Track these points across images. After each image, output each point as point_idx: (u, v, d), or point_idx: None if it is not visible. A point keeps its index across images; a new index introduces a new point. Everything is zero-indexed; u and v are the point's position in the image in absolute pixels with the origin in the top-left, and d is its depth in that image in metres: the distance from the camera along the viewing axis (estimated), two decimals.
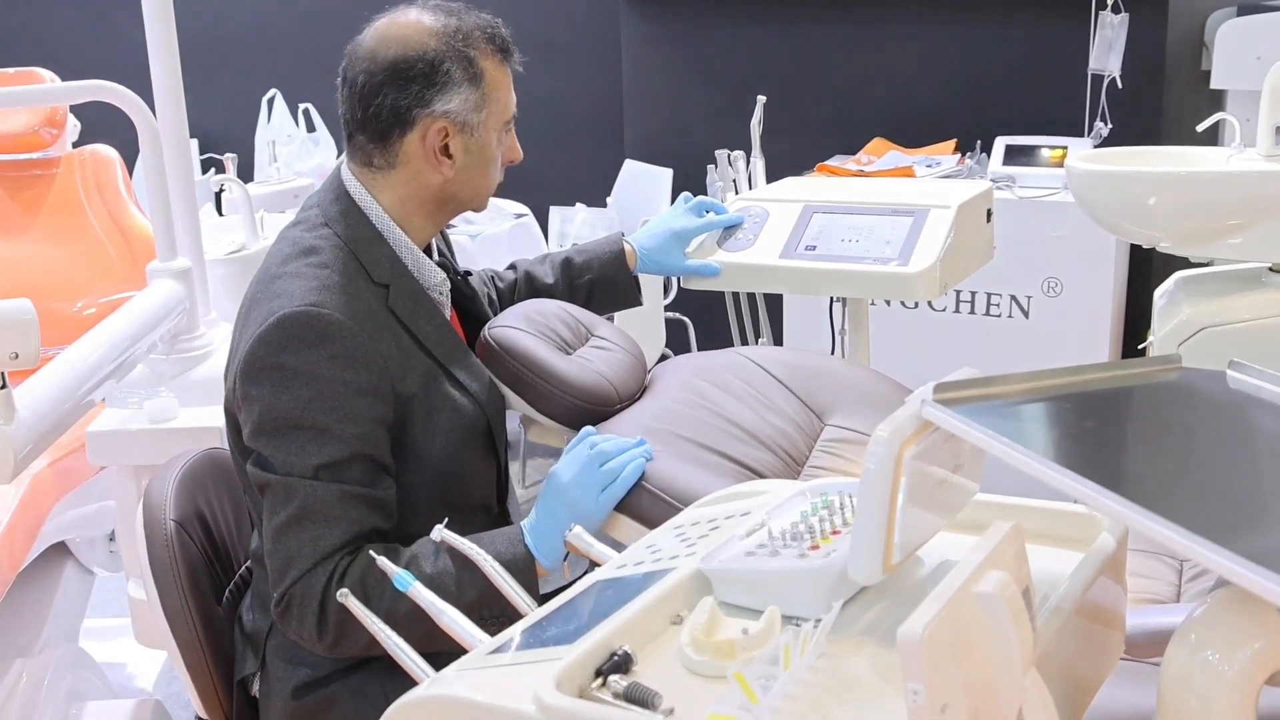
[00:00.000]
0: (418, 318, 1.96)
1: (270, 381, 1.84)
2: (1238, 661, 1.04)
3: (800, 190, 2.74)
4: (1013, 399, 1.24)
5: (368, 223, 1.97)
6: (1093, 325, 4.14)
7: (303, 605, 1.82)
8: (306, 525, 1.83)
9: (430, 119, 1.94)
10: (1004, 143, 4.39)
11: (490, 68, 1.97)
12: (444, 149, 1.96)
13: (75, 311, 3.63)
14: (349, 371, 1.83)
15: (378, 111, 1.94)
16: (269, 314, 1.84)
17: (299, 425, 1.83)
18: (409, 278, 1.98)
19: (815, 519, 1.34)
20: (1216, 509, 1.05)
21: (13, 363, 1.90)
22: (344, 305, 1.85)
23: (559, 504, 1.89)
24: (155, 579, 1.98)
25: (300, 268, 1.89)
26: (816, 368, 2.31)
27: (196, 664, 2.00)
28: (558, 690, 1.10)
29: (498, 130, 2.01)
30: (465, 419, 1.98)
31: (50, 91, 3.13)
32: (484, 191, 2.06)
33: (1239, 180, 2.78)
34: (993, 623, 0.96)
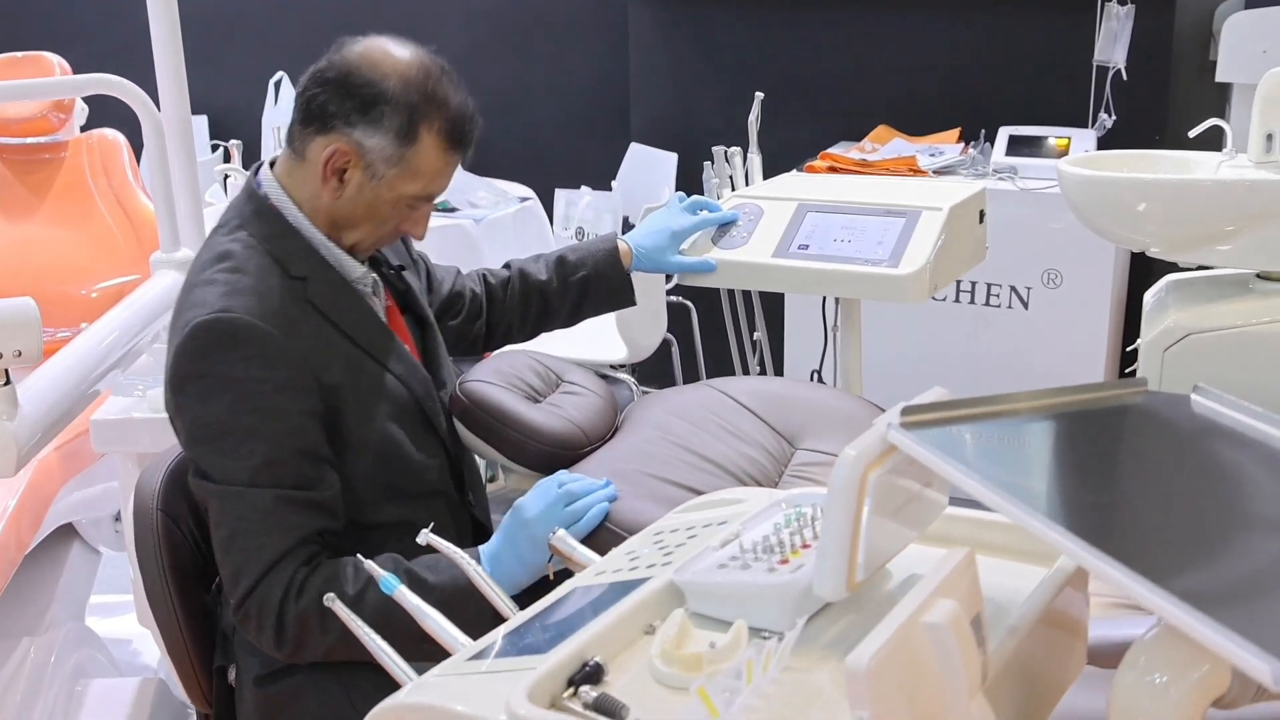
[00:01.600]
0: (338, 306, 1.98)
1: (194, 391, 1.88)
2: (1183, 686, 1.07)
3: (795, 188, 2.77)
4: (979, 422, 1.28)
5: (281, 219, 1.99)
6: (1092, 317, 4.17)
7: (260, 617, 1.87)
8: (249, 535, 1.86)
9: (343, 139, 1.93)
10: (1008, 133, 4.41)
11: (428, 145, 1.94)
12: (341, 172, 1.95)
13: (82, 295, 3.67)
14: (266, 370, 1.86)
15: (313, 99, 1.94)
16: (185, 324, 1.88)
17: (227, 430, 1.86)
18: (327, 268, 2.00)
19: (787, 531, 1.38)
20: (1162, 545, 1.09)
21: (16, 360, 1.94)
22: (254, 306, 1.88)
23: (521, 537, 1.92)
24: (141, 567, 2.04)
25: (213, 274, 1.92)
26: (787, 395, 2.35)
27: (178, 650, 2.06)
28: (529, 701, 1.14)
29: (400, 197, 1.97)
30: (397, 403, 2.02)
31: (54, 84, 3.17)
32: (363, 237, 2.02)
33: (1227, 189, 2.81)
34: (940, 652, 1.00)
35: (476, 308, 2.43)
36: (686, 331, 4.92)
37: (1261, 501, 1.18)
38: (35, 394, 2.12)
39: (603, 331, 4.44)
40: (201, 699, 2.11)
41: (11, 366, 1.97)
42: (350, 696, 1.95)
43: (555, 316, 2.50)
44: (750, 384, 2.39)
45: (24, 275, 3.68)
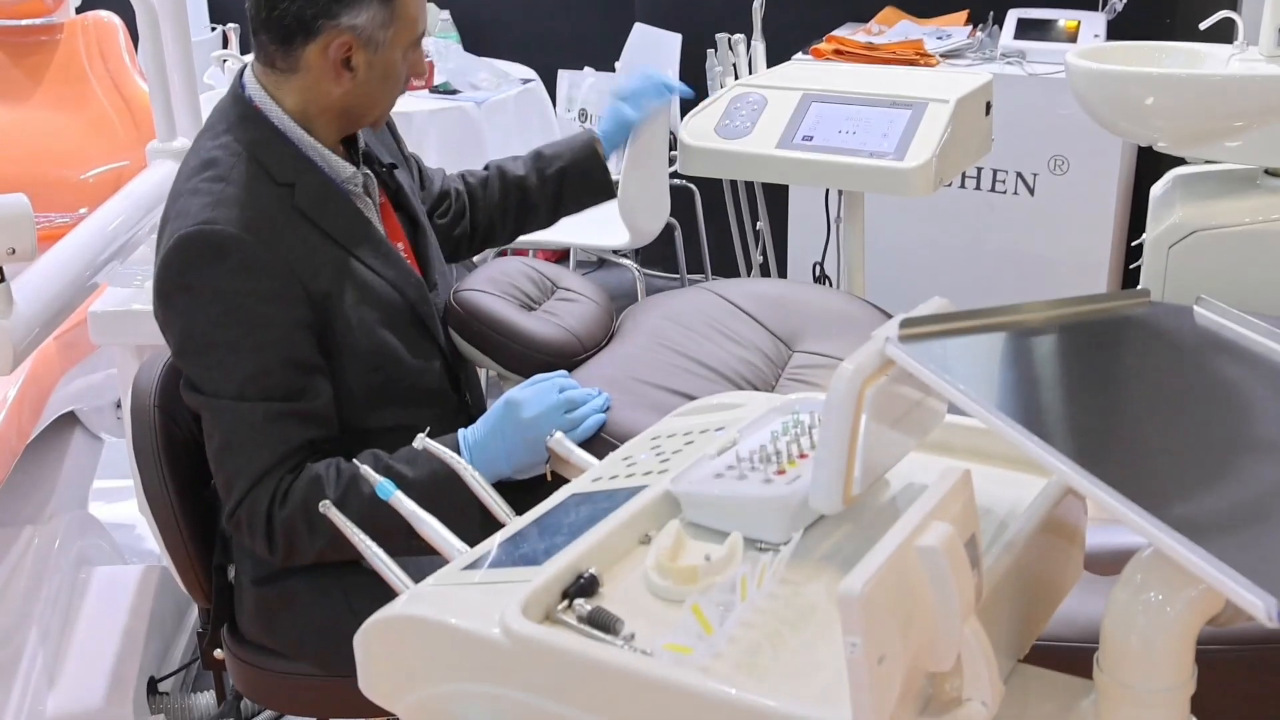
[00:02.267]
0: (326, 212, 1.98)
1: (179, 304, 1.89)
2: (1178, 604, 1.07)
3: (799, 77, 2.74)
4: (978, 335, 1.26)
5: (268, 124, 1.98)
6: (1098, 205, 4.14)
7: (251, 524, 1.89)
8: (239, 448, 1.88)
9: (335, 31, 1.91)
10: (1016, 15, 4.35)
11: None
12: (345, 62, 1.94)
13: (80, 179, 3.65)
14: (251, 281, 1.85)
15: (282, 15, 1.91)
16: (170, 235, 1.88)
17: (214, 343, 1.87)
18: (315, 172, 1.99)
19: (785, 440, 1.37)
20: (1159, 468, 1.08)
21: (10, 258, 1.93)
22: (238, 217, 1.87)
23: (513, 433, 1.91)
24: (139, 465, 2.05)
25: (198, 184, 1.91)
26: (785, 296, 2.34)
27: (177, 548, 2.07)
28: (523, 615, 1.15)
29: (403, 47, 1.99)
30: (388, 306, 2.01)
31: None
32: (383, 106, 2.05)
33: (1237, 84, 2.77)
34: (933, 576, 1.00)
35: (461, 207, 2.40)
36: (690, 216, 4.89)
37: (1262, 423, 1.17)
38: (31, 290, 2.11)
39: (605, 217, 4.39)
40: (201, 594, 2.13)
41: (6, 264, 1.96)
42: (348, 599, 1.97)
43: (535, 213, 2.47)
44: (748, 286, 2.38)
45: (20, 160, 3.65)
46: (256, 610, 2.06)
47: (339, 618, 1.96)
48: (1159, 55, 3.02)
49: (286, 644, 2.06)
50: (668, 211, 4.39)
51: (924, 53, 4.23)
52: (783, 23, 4.78)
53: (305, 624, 2.03)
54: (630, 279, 4.64)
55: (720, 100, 2.67)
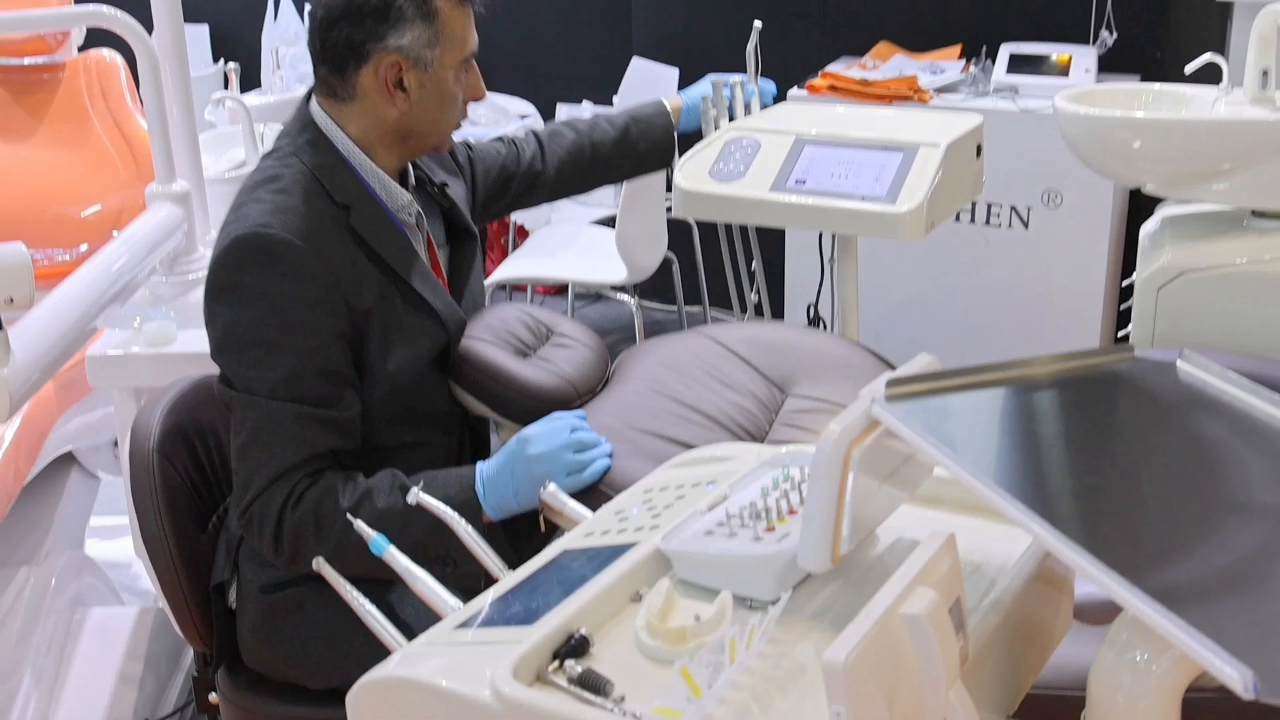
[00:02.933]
0: (380, 237, 2.04)
1: (228, 300, 1.95)
2: (1163, 664, 1.09)
3: (792, 120, 2.75)
4: (963, 391, 1.28)
5: (332, 149, 2.06)
6: (1092, 238, 4.16)
7: (261, 522, 1.93)
8: (263, 445, 1.93)
9: (383, 53, 1.99)
10: (1009, 50, 4.37)
11: (446, 7, 2.01)
12: (398, 83, 2.02)
13: (80, 216, 3.66)
14: (299, 287, 1.93)
15: (335, 44, 2.01)
16: (227, 236, 1.96)
17: (254, 341, 1.93)
18: (371, 200, 2.06)
19: (774, 495, 1.38)
20: (1140, 533, 1.09)
21: (8, 306, 1.95)
22: (294, 225, 1.94)
23: (521, 470, 1.94)
24: (137, 507, 2.07)
25: (261, 194, 1.99)
26: (778, 340, 2.35)
27: (173, 588, 2.09)
28: (514, 678, 1.15)
29: (454, 67, 2.05)
30: (424, 337, 2.07)
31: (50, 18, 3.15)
32: (444, 128, 2.11)
33: (1223, 127, 2.79)
34: (918, 643, 1.01)
35: (532, 176, 2.53)
36: (688, 249, 4.91)
37: (1242, 484, 1.18)
38: (30, 337, 2.12)
39: (604, 253, 4.43)
40: (197, 638, 2.14)
41: (4, 311, 1.97)
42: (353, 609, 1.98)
43: (610, 179, 2.71)
44: (741, 330, 2.39)
45: (22, 196, 3.67)
46: (260, 622, 2.08)
47: (344, 628, 1.97)
48: (1145, 98, 3.05)
49: (289, 653, 2.07)
50: (665, 247, 4.44)
51: (918, 88, 4.25)
52: (778, 58, 4.79)
53: (310, 630, 2.05)
54: (628, 312, 4.67)
55: (715, 144, 2.68)
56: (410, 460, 2.02)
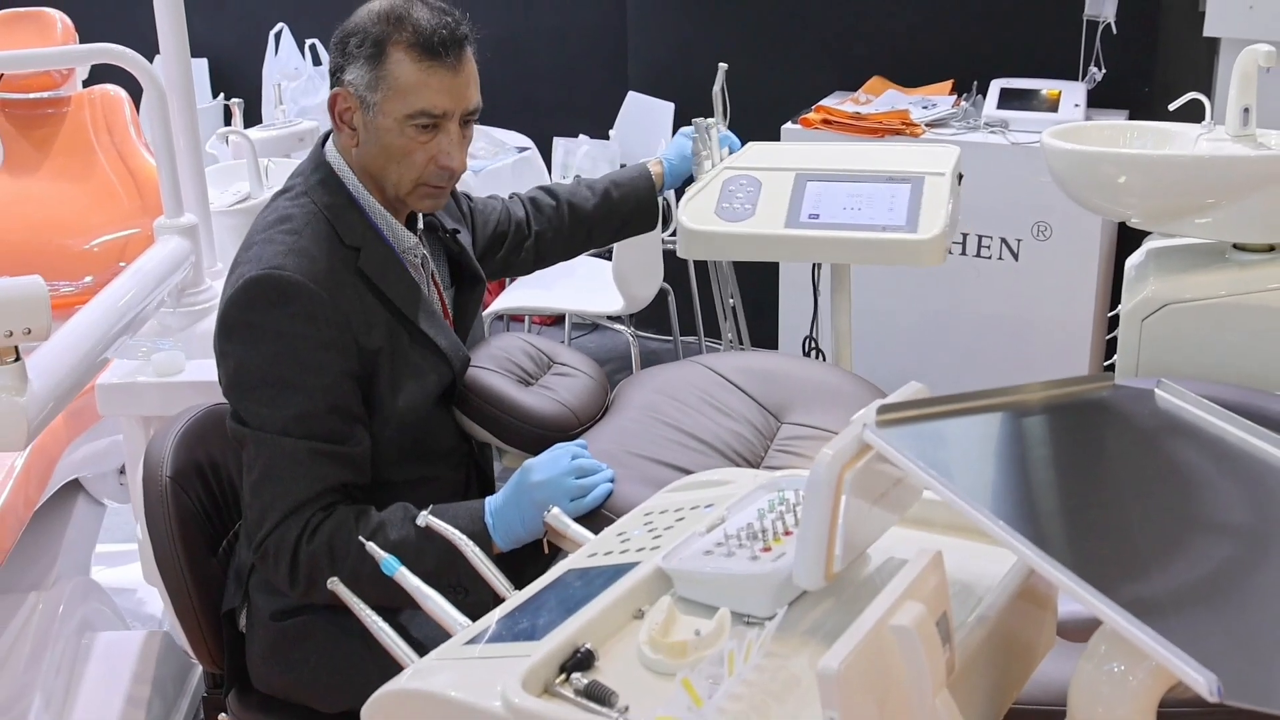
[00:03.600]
0: (387, 279, 2.09)
1: (240, 339, 1.99)
2: (1139, 674, 1.14)
3: (785, 158, 2.81)
4: (951, 418, 1.34)
5: (342, 189, 2.10)
6: (1080, 269, 4.22)
7: (277, 556, 1.98)
8: (277, 480, 1.97)
9: (340, 85, 2.06)
10: (999, 85, 4.44)
11: (396, 57, 2.01)
12: (350, 119, 2.07)
13: (84, 249, 3.73)
14: (311, 328, 1.97)
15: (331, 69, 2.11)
16: (240, 277, 2.00)
17: (267, 380, 1.98)
18: (380, 242, 2.10)
19: (771, 517, 1.44)
20: (1116, 550, 1.15)
21: (25, 338, 2.00)
22: (306, 267, 1.99)
23: (525, 498, 2.00)
24: (150, 531, 2.12)
25: (274, 235, 2.04)
26: (773, 369, 2.41)
27: (186, 610, 2.14)
28: (523, 690, 1.21)
29: (398, 120, 2.03)
30: (431, 374, 2.12)
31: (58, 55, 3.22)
32: (396, 180, 2.08)
33: (1205, 163, 2.87)
34: (906, 653, 1.07)
35: (520, 238, 2.56)
36: (683, 280, 4.98)
37: (1214, 505, 1.25)
38: (44, 368, 2.18)
39: (600, 284, 4.50)
40: (209, 659, 2.20)
41: (21, 344, 2.03)
42: (364, 635, 2.02)
43: (594, 244, 2.72)
44: (736, 359, 2.45)
45: (28, 228, 3.73)
46: (270, 649, 2.12)
47: (354, 652, 2.03)
48: (1130, 135, 3.13)
49: (299, 679, 2.12)
50: (660, 277, 4.51)
51: (910, 122, 4.32)
52: (772, 91, 4.88)
53: (319, 658, 2.09)
54: (624, 342, 4.72)
55: (713, 183, 2.74)
56: (419, 495, 2.06)
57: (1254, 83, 2.90)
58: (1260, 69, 2.90)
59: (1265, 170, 2.82)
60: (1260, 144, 2.92)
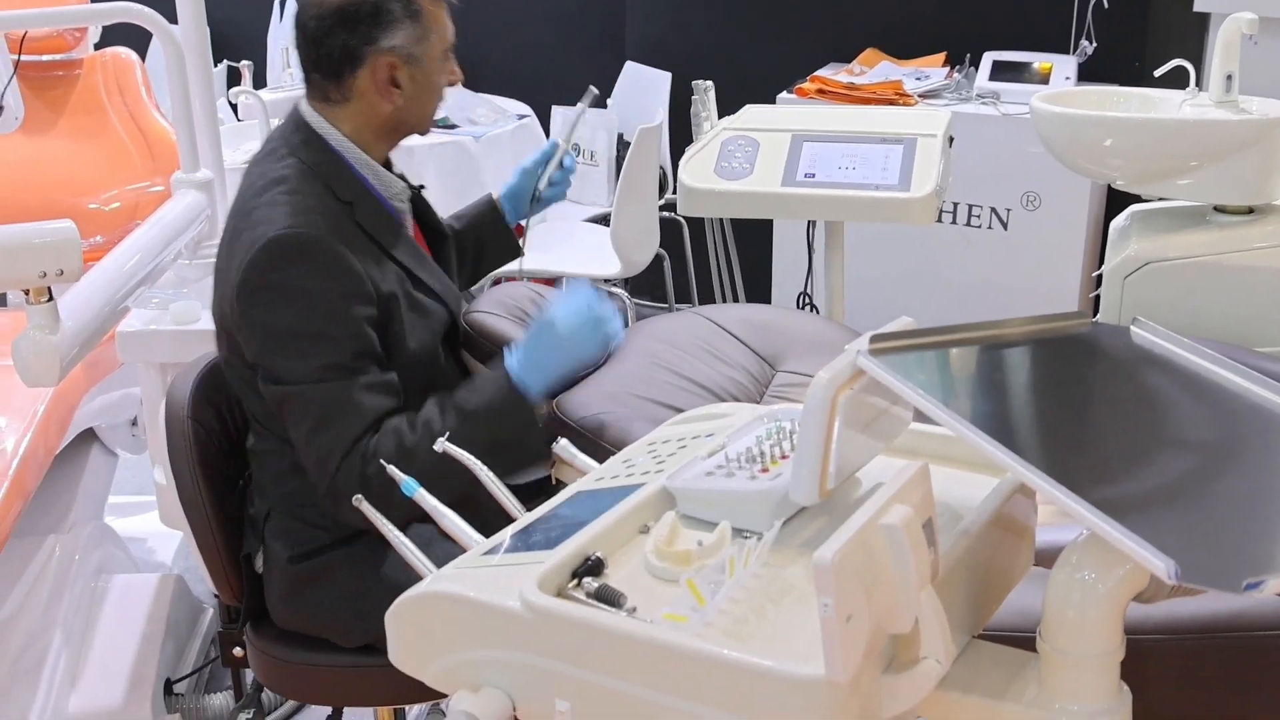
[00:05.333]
0: (380, 229, 2.16)
1: (266, 301, 2.05)
2: (1108, 582, 1.24)
3: (783, 119, 2.91)
4: (939, 349, 1.44)
5: (328, 148, 2.16)
6: (1069, 239, 4.31)
7: (347, 494, 1.94)
8: (330, 424, 2.04)
9: (378, 55, 2.11)
10: (991, 58, 4.53)
11: (426, 6, 2.13)
12: (393, 81, 2.14)
13: (92, 208, 3.80)
14: (333, 280, 2.04)
15: (330, 52, 2.13)
16: (254, 241, 2.04)
17: (298, 335, 2.04)
18: (370, 195, 2.18)
19: (768, 443, 1.54)
20: (1090, 460, 1.25)
21: (58, 279, 2.09)
22: (320, 223, 2.06)
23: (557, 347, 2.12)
24: (174, 469, 2.20)
25: (274, 196, 2.09)
26: (768, 321, 2.51)
27: (209, 546, 2.22)
28: (539, 590, 1.31)
29: (440, 59, 2.17)
30: (434, 317, 2.21)
31: (78, 13, 3.27)
32: (430, 115, 2.23)
33: (1188, 127, 2.97)
34: (894, 550, 1.17)
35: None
36: (678, 248, 5.06)
37: (1181, 424, 1.35)
38: (74, 310, 2.26)
39: (597, 246, 4.58)
40: (230, 592, 2.28)
41: (54, 285, 2.11)
42: (378, 569, 2.13)
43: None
44: (734, 311, 2.54)
45: (40, 188, 3.80)
46: (289, 590, 2.20)
47: (369, 586, 2.12)
48: (1117, 100, 3.22)
49: (316, 615, 2.19)
50: (657, 243, 4.59)
51: (903, 93, 4.41)
52: (768, 62, 4.97)
53: (337, 594, 2.17)
54: (620, 308, 4.80)
55: (712, 143, 2.83)
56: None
57: (1237, 50, 3.00)
58: (1244, 37, 2.99)
59: (1245, 134, 2.92)
60: (1242, 109, 3.02)
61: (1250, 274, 2.92)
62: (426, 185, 2.39)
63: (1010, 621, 1.66)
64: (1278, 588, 1.04)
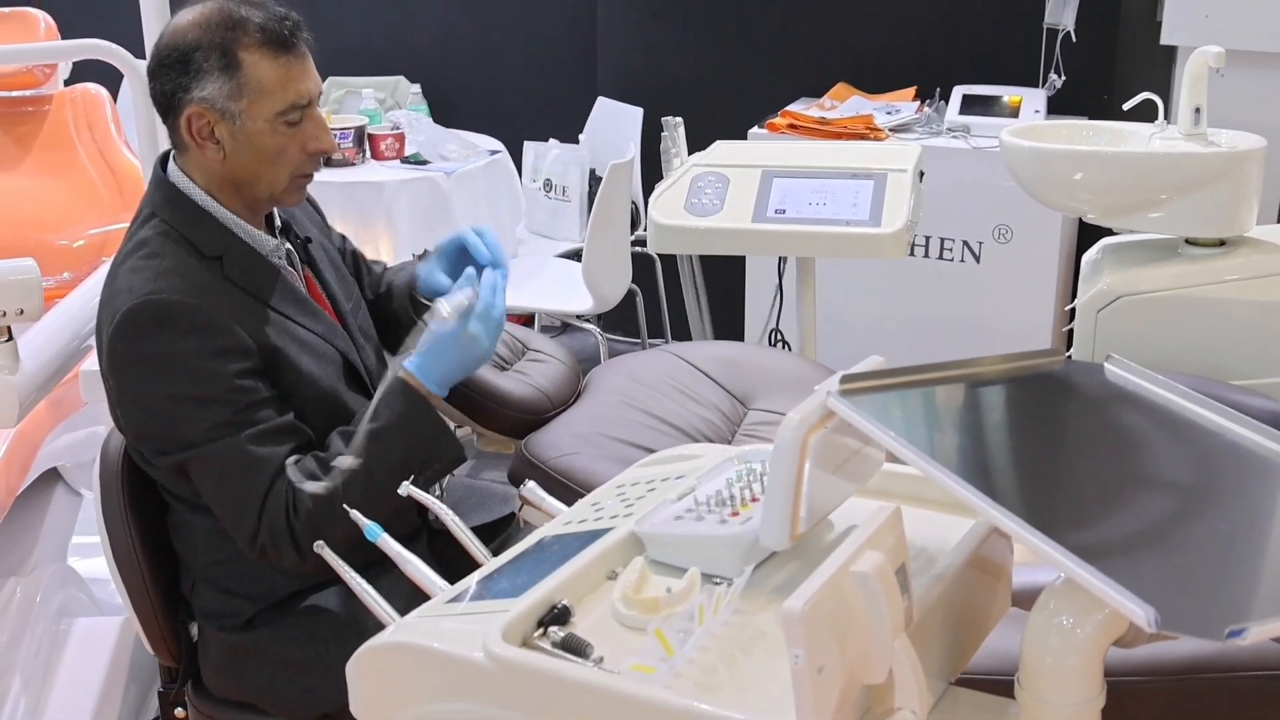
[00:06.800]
0: (255, 279, 2.05)
1: (136, 374, 1.96)
2: (1087, 627, 1.21)
3: (752, 155, 2.89)
4: (910, 389, 1.41)
5: (190, 203, 2.05)
6: (1040, 272, 4.30)
7: (276, 544, 1.96)
8: (234, 479, 1.96)
9: (190, 104, 1.99)
10: (961, 92, 4.53)
11: (251, 59, 1.98)
12: (210, 134, 2.01)
13: (61, 244, 3.77)
14: (200, 341, 1.93)
15: (155, 95, 2.04)
16: (115, 311, 1.96)
17: (174, 401, 1.95)
18: (240, 245, 2.06)
19: (739, 486, 1.52)
20: (1065, 503, 1.23)
21: (18, 318, 2.05)
22: (179, 285, 1.95)
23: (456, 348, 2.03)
24: (108, 528, 2.12)
25: (135, 263, 2.00)
26: (740, 358, 2.49)
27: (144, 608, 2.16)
28: (504, 640, 1.28)
29: (269, 120, 2.01)
30: (324, 357, 2.09)
31: (48, 50, 3.26)
32: (272, 179, 2.06)
33: (1158, 161, 2.97)
34: (867, 597, 1.14)
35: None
36: (651, 282, 5.04)
37: (1158, 464, 1.32)
38: (35, 349, 2.22)
39: (569, 282, 4.56)
40: (167, 654, 2.22)
41: (14, 324, 2.08)
42: (315, 641, 2.08)
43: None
44: (706, 349, 2.53)
45: (8, 225, 3.77)
46: (224, 662, 2.15)
47: (306, 661, 2.07)
48: (1087, 133, 3.22)
49: (255, 692, 2.14)
50: (629, 278, 4.57)
51: (874, 127, 4.40)
52: (740, 96, 4.96)
53: (274, 669, 2.11)
54: (593, 343, 4.78)
55: (682, 179, 2.81)
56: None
57: (1204, 83, 3.00)
58: (1211, 70, 2.99)
59: (1215, 167, 2.92)
60: (1211, 142, 3.02)
61: (1223, 306, 2.92)
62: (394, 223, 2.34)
63: (987, 664, 1.64)
64: (1260, 635, 1.01)
